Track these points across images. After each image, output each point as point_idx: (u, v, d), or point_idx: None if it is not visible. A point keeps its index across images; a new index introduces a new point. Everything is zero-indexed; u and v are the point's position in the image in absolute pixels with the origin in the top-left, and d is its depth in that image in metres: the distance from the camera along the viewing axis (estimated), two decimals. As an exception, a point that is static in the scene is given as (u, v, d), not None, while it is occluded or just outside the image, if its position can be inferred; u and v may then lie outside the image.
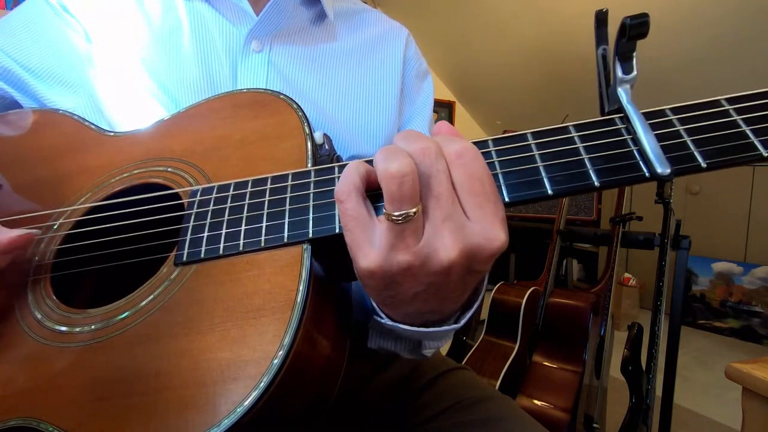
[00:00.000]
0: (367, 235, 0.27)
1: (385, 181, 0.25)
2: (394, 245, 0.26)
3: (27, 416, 0.29)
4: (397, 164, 0.25)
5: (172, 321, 0.30)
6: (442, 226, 0.26)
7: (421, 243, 0.26)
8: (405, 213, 0.25)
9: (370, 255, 0.27)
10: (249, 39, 0.48)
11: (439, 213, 0.26)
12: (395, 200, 0.25)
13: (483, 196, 0.26)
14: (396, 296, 0.30)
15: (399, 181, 0.25)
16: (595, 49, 0.32)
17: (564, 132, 0.30)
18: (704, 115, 0.28)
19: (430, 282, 0.28)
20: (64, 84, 0.47)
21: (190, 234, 0.33)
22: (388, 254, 0.27)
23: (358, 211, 0.27)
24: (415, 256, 0.26)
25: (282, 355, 0.27)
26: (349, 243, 0.28)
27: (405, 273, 0.27)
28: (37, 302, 0.35)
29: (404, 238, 0.26)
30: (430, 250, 0.26)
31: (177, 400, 0.27)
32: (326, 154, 0.36)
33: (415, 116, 0.59)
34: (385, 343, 0.41)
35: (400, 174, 0.25)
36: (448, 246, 0.26)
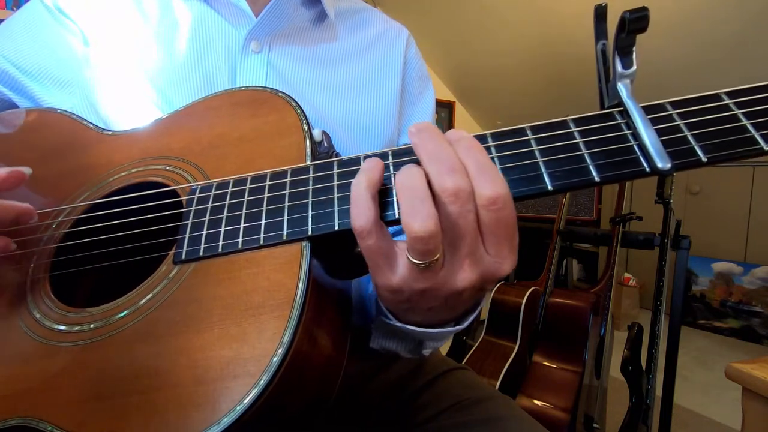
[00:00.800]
0: (389, 263, 0.28)
1: (409, 238, 0.26)
2: (416, 278, 0.28)
3: (26, 416, 0.29)
4: (421, 224, 0.25)
5: (171, 319, 0.30)
6: (463, 260, 0.27)
7: (442, 273, 0.28)
8: (427, 262, 0.27)
9: (391, 280, 0.29)
10: (248, 40, 0.48)
11: (462, 251, 0.27)
12: (418, 255, 0.26)
13: (505, 237, 0.27)
14: (409, 309, 0.32)
15: (425, 242, 0.26)
16: (595, 44, 0.31)
17: (563, 126, 0.30)
18: (704, 109, 0.28)
19: (444, 300, 0.30)
20: (60, 85, 0.47)
21: (189, 232, 0.33)
22: (408, 282, 0.28)
23: (379, 245, 0.28)
24: (433, 284, 0.28)
25: (282, 353, 0.27)
26: (369, 266, 0.29)
27: (423, 294, 0.29)
28: (35, 301, 0.35)
29: (424, 273, 0.28)
30: (449, 279, 0.28)
31: (177, 398, 0.27)
32: (325, 152, 0.36)
33: (415, 118, 0.58)
34: (388, 343, 0.41)
35: (425, 235, 0.25)
36: (466, 276, 0.28)
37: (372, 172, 0.29)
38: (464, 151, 0.27)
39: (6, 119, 0.46)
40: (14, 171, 0.34)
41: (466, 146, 0.27)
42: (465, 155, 0.27)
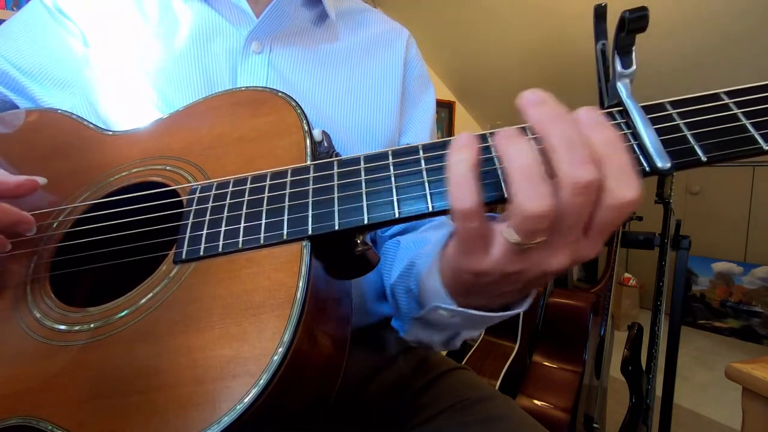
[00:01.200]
0: (485, 246, 0.27)
1: (520, 217, 0.25)
2: (511, 260, 0.27)
3: (27, 415, 0.29)
4: (539, 204, 0.24)
5: (172, 319, 0.30)
6: (564, 248, 0.27)
7: (537, 256, 0.27)
8: (530, 243, 0.26)
9: (482, 263, 0.28)
10: (249, 40, 0.48)
11: (567, 239, 0.26)
12: (525, 235, 0.25)
13: (607, 233, 0.26)
14: (482, 293, 0.31)
15: (537, 222, 0.24)
16: (594, 43, 0.32)
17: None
18: (704, 108, 0.28)
19: (528, 282, 0.29)
20: (60, 85, 0.47)
21: (189, 232, 0.33)
22: (501, 264, 0.27)
23: (481, 230, 0.27)
24: (526, 267, 0.27)
25: (282, 352, 0.27)
26: (461, 249, 0.28)
27: (508, 277, 0.28)
28: (36, 301, 0.35)
29: (521, 255, 0.27)
30: (542, 262, 0.27)
31: (177, 398, 0.27)
32: (325, 151, 0.36)
33: (417, 119, 0.59)
34: (425, 333, 0.41)
35: (541, 215, 0.24)
36: (560, 261, 0.27)
37: (471, 150, 0.27)
38: (602, 142, 0.25)
39: (6, 120, 0.46)
40: (29, 180, 0.35)
41: (605, 138, 0.25)
42: (603, 146, 0.25)
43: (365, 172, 0.32)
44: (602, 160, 0.25)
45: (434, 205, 0.29)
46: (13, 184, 0.34)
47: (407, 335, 0.43)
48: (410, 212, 0.30)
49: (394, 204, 0.30)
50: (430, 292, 0.36)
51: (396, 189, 0.31)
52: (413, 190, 0.30)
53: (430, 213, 0.30)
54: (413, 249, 0.49)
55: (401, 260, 0.48)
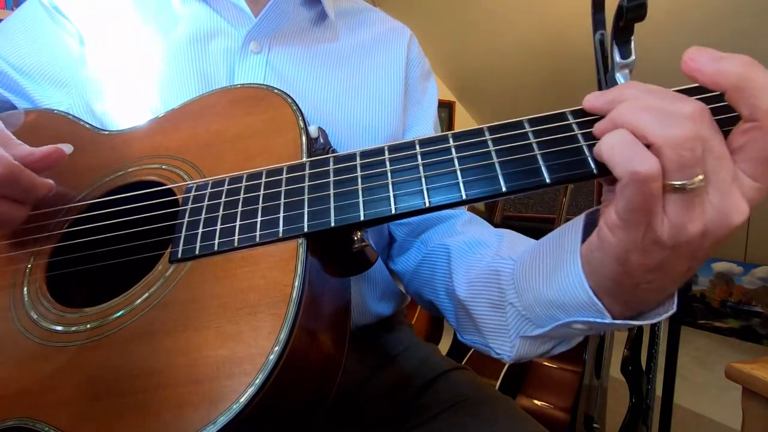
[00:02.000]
0: (654, 211, 0.24)
1: (668, 148, 0.23)
2: (686, 216, 0.24)
3: (24, 416, 0.29)
4: (681, 129, 0.23)
5: (168, 318, 0.30)
6: (731, 187, 0.24)
7: (712, 206, 0.24)
8: (693, 181, 0.23)
9: (658, 228, 0.25)
10: (247, 40, 0.48)
11: (725, 175, 0.24)
12: (686, 166, 0.23)
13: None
14: (653, 282, 0.27)
15: (685, 146, 0.23)
16: (593, 34, 0.31)
17: (561, 119, 0.29)
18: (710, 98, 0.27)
19: (707, 251, 0.26)
20: (57, 85, 0.47)
21: (185, 231, 0.33)
22: (680, 226, 0.24)
23: (660, 189, 0.24)
24: (708, 222, 0.24)
25: (278, 351, 0.26)
26: (630, 220, 0.25)
27: (690, 244, 0.25)
28: (32, 302, 0.35)
29: (694, 206, 0.24)
30: (723, 212, 0.24)
31: (173, 398, 0.27)
32: (321, 148, 0.36)
33: (421, 117, 0.59)
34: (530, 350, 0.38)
35: (688, 139, 0.23)
36: (739, 204, 0.24)
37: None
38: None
39: (3, 121, 0.46)
40: (55, 149, 0.34)
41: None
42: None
43: (361, 168, 0.32)
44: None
45: (431, 200, 0.29)
46: (39, 155, 0.33)
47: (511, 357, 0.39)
48: (406, 208, 0.30)
49: (390, 200, 0.30)
50: (558, 306, 0.32)
51: (392, 185, 0.30)
52: (409, 185, 0.30)
53: (427, 209, 0.29)
54: (474, 254, 0.45)
55: (464, 268, 0.44)
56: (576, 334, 0.34)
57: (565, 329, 0.33)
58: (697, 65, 0.25)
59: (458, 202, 0.29)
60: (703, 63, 0.24)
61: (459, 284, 0.44)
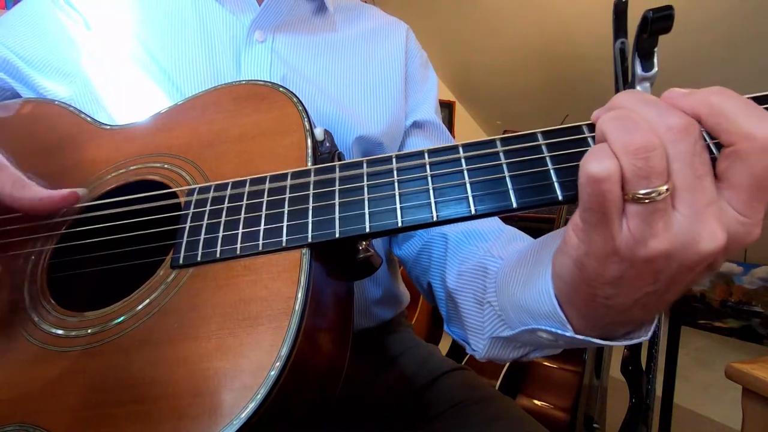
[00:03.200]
0: (617, 216, 0.24)
1: (623, 155, 0.22)
2: (644, 230, 0.23)
3: (23, 422, 0.29)
4: (641, 138, 0.22)
5: (169, 326, 0.30)
6: (705, 209, 0.23)
7: (678, 225, 0.23)
8: (653, 190, 0.22)
9: (615, 237, 0.24)
10: (252, 29, 0.49)
11: (701, 196, 0.23)
12: (639, 177, 0.22)
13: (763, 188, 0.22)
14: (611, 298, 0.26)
15: (644, 156, 0.22)
16: (613, 42, 0.29)
17: (577, 132, 0.27)
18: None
19: (674, 275, 0.24)
20: (62, 73, 0.47)
21: (187, 236, 0.33)
22: (639, 239, 0.23)
23: (616, 194, 0.23)
24: (671, 242, 0.23)
25: (279, 366, 0.26)
26: (589, 222, 0.24)
27: (651, 264, 0.24)
28: (33, 304, 0.34)
29: (654, 220, 0.23)
30: (689, 234, 0.23)
31: (172, 409, 0.26)
32: (327, 151, 0.35)
33: (422, 102, 0.60)
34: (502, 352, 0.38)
35: (644, 148, 0.22)
36: (712, 230, 0.23)
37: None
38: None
39: (3, 109, 0.45)
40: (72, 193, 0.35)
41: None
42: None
43: (368, 178, 0.31)
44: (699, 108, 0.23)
45: (439, 214, 0.28)
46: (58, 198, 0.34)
47: (482, 355, 0.39)
48: (413, 221, 0.29)
49: (397, 212, 0.29)
50: (527, 311, 0.33)
51: (399, 196, 0.29)
52: (417, 197, 0.29)
53: (434, 222, 0.29)
54: (470, 246, 0.46)
55: (457, 259, 0.45)
56: (546, 344, 0.34)
57: (532, 335, 0.33)
58: (672, 102, 0.24)
59: (466, 217, 0.28)
60: (676, 98, 0.24)
61: (450, 274, 0.45)
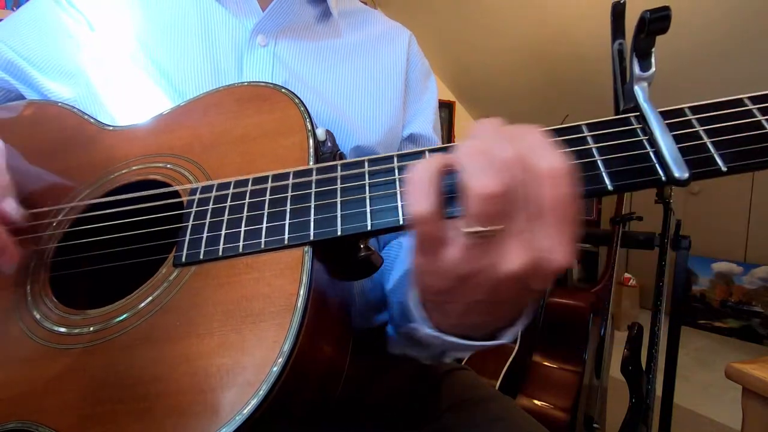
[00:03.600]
0: (443, 244, 0.26)
1: (473, 197, 0.24)
2: (464, 258, 0.26)
3: (25, 419, 0.29)
4: (493, 183, 0.24)
5: (171, 324, 0.30)
6: (515, 238, 0.25)
7: (492, 254, 0.26)
8: (486, 230, 0.25)
9: (437, 261, 0.27)
10: (254, 33, 0.49)
11: (515, 226, 0.25)
12: (480, 220, 0.24)
13: (564, 220, 0.25)
14: (452, 302, 0.29)
15: (495, 201, 0.24)
16: (611, 43, 0.30)
17: (576, 131, 0.28)
18: (726, 115, 0.27)
19: (489, 290, 0.27)
20: (65, 75, 0.47)
21: (189, 234, 0.33)
22: (457, 263, 0.26)
23: (437, 233, 0.26)
24: (480, 265, 0.26)
25: (281, 363, 0.26)
26: (417, 247, 0.27)
27: (468, 281, 0.27)
28: (36, 302, 0.35)
29: (475, 250, 0.26)
30: (496, 260, 0.26)
31: (175, 406, 0.26)
32: (328, 152, 0.35)
33: (421, 112, 0.59)
34: (411, 350, 0.40)
35: (493, 196, 0.24)
36: (514, 258, 0.25)
37: (436, 160, 0.27)
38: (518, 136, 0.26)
39: (6, 112, 0.46)
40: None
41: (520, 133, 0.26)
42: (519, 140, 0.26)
43: (369, 176, 0.31)
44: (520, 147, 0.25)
45: None
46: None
47: (393, 348, 0.42)
48: None
49: (399, 210, 0.29)
50: (411, 309, 0.36)
51: (400, 194, 0.30)
52: None
53: None
54: None
55: (401, 265, 0.47)
56: (430, 342, 0.36)
57: (415, 332, 0.35)
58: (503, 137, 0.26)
59: None
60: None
61: (393, 277, 0.47)
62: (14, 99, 0.49)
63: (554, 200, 0.24)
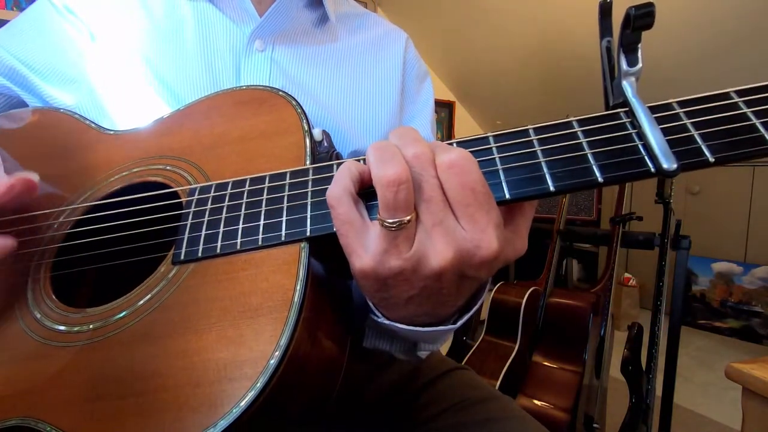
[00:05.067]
0: (360, 239, 0.28)
1: (379, 187, 0.26)
2: (387, 250, 0.27)
3: (25, 416, 0.29)
4: (393, 170, 0.25)
5: (170, 320, 0.30)
6: (432, 230, 0.26)
7: (413, 249, 0.27)
8: (399, 220, 0.26)
9: (363, 258, 0.27)
10: (252, 38, 0.49)
11: (429, 218, 0.26)
12: (390, 208, 0.26)
13: (475, 205, 0.26)
14: (390, 298, 0.30)
15: (395, 189, 0.25)
16: (599, 41, 0.31)
17: (567, 127, 0.29)
18: (712, 108, 0.27)
19: (423, 286, 0.28)
20: (67, 81, 0.47)
21: (188, 233, 0.33)
22: (380, 259, 0.27)
23: (350, 216, 0.27)
24: (407, 261, 0.27)
25: (278, 356, 0.26)
26: (343, 245, 0.28)
27: (397, 277, 0.28)
28: (36, 301, 0.35)
29: (397, 244, 0.26)
30: (421, 255, 0.27)
31: (173, 400, 0.27)
32: (325, 151, 0.36)
33: (416, 115, 0.60)
34: (381, 342, 0.41)
35: (396, 182, 0.25)
36: (438, 251, 0.26)
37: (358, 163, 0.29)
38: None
39: (8, 119, 0.46)
40: (22, 180, 0.33)
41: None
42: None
43: None
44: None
45: None
46: (5, 188, 0.32)
47: (366, 341, 0.42)
48: None
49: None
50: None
51: None
52: None
53: None
54: None
55: None
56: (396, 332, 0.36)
57: (373, 321, 0.35)
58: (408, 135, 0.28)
59: None
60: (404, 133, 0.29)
61: None
62: (16, 105, 0.50)
63: (461, 187, 0.26)
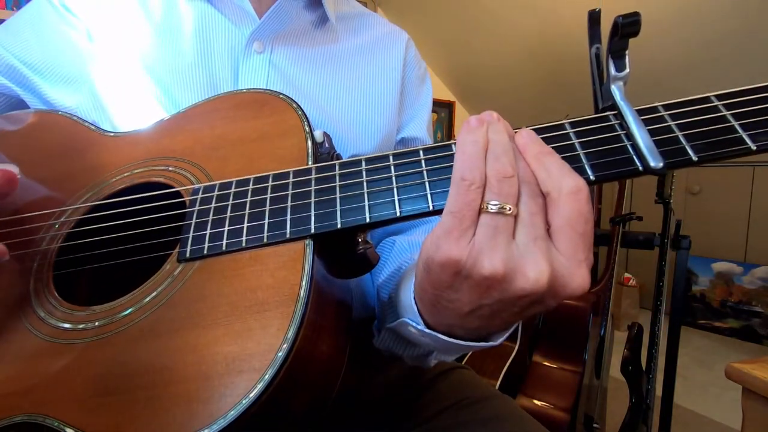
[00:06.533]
0: (468, 223, 0.27)
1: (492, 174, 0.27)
2: (485, 244, 0.26)
3: (32, 412, 0.29)
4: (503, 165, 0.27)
5: (176, 316, 0.31)
6: (534, 244, 0.26)
7: (513, 254, 0.26)
8: (501, 205, 0.26)
9: (460, 242, 0.26)
10: (251, 40, 0.49)
11: (531, 230, 0.26)
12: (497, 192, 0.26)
13: (583, 236, 0.26)
14: (453, 302, 0.29)
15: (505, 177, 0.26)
16: (589, 48, 0.32)
17: (560, 128, 0.31)
18: (695, 110, 0.29)
19: (499, 300, 0.27)
20: (66, 81, 0.47)
21: (193, 231, 0.34)
22: (477, 251, 0.26)
23: (478, 200, 0.27)
24: (503, 263, 0.25)
25: (286, 349, 0.27)
26: (444, 224, 0.27)
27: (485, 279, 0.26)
28: (39, 300, 0.35)
29: (496, 236, 0.26)
30: (520, 262, 0.26)
31: (183, 393, 0.27)
32: (326, 152, 0.37)
33: (415, 117, 0.60)
34: (396, 346, 0.41)
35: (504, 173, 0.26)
36: (537, 263, 0.25)
37: (481, 130, 0.29)
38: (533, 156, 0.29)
39: (7, 122, 0.46)
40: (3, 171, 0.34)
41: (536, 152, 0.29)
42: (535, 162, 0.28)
43: (366, 173, 0.33)
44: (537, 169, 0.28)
45: (435, 204, 0.30)
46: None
47: (379, 343, 0.42)
48: (411, 211, 0.31)
49: (395, 203, 0.31)
50: (402, 305, 0.36)
51: (397, 189, 0.31)
52: (414, 189, 0.31)
53: (432, 211, 0.30)
54: (406, 252, 0.49)
55: (392, 262, 0.48)
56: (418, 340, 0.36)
57: (406, 329, 0.35)
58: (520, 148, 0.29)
59: None
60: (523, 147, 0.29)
61: (385, 272, 0.48)
62: (15, 105, 0.50)
63: (578, 214, 0.26)
